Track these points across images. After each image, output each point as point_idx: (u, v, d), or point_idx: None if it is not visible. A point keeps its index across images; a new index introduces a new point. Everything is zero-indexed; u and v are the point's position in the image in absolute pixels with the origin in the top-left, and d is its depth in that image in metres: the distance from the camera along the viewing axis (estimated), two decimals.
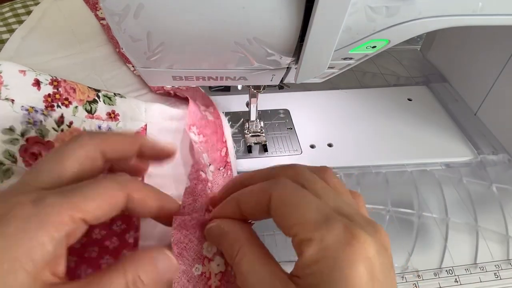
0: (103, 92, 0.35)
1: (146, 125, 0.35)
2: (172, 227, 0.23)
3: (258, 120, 0.44)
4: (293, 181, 0.22)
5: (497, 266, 0.35)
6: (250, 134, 0.44)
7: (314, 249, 0.18)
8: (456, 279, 0.34)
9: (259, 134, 0.44)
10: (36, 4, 0.48)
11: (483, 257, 0.36)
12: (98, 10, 0.46)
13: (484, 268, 0.35)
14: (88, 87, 0.35)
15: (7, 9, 0.47)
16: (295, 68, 0.27)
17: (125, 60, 0.44)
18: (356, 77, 0.57)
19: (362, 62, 0.28)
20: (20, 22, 0.46)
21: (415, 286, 0.33)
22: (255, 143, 0.43)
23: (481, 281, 0.34)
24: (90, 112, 0.33)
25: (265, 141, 0.44)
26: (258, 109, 0.43)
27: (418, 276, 0.34)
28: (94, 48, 0.45)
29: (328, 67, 0.26)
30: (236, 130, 0.43)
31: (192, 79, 0.29)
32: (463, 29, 0.52)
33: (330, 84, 0.52)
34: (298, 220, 0.20)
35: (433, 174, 0.43)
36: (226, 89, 0.37)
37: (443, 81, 0.56)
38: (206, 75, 0.29)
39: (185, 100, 0.40)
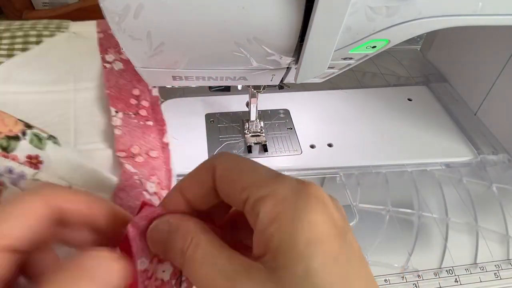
0: (34, 130, 0.28)
1: None
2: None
3: (258, 120, 0.44)
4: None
5: (497, 266, 0.35)
6: (250, 134, 0.44)
7: (270, 204, 0.17)
8: (456, 279, 0.34)
9: (259, 134, 0.44)
10: (50, 33, 0.45)
11: (483, 257, 0.36)
12: (107, 54, 0.41)
13: (484, 268, 0.35)
14: (19, 119, 0.28)
15: (21, 33, 0.44)
16: (295, 68, 0.27)
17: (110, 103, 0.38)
18: (356, 77, 0.57)
19: (362, 62, 0.28)
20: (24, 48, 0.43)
21: (415, 286, 0.33)
22: (255, 143, 0.43)
23: (481, 281, 0.34)
24: (5, 149, 0.27)
25: (265, 141, 0.44)
26: (258, 109, 0.43)
27: (418, 276, 0.34)
28: (83, 90, 0.41)
29: (328, 67, 0.26)
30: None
31: (192, 79, 0.29)
32: (463, 29, 0.52)
33: (330, 84, 0.52)
34: (248, 182, 0.18)
35: (433, 174, 0.43)
36: (226, 89, 0.37)
37: (443, 81, 0.56)
38: (206, 75, 0.29)
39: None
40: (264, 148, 0.43)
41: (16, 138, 0.27)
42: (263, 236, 0.17)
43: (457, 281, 0.34)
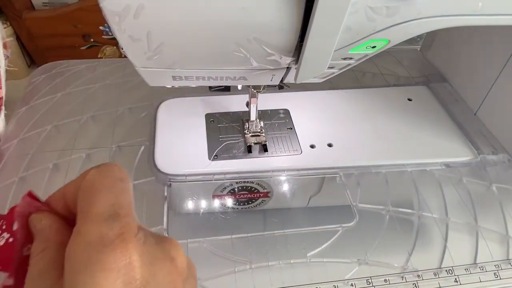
0: None
1: None
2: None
3: (258, 120, 0.44)
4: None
5: (497, 266, 0.35)
6: (250, 134, 0.44)
7: (75, 243, 0.16)
8: (456, 279, 0.34)
9: (259, 134, 0.44)
10: None
11: (483, 257, 0.36)
12: None
13: (484, 268, 0.35)
14: None
15: None
16: (295, 68, 0.27)
17: None
18: (356, 77, 0.57)
19: (362, 62, 0.28)
20: None
21: (415, 286, 0.34)
22: (255, 143, 0.44)
23: (481, 281, 0.34)
24: None
25: (265, 141, 0.44)
26: (258, 109, 0.43)
27: (418, 276, 0.34)
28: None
29: (328, 67, 0.26)
30: None
31: (192, 79, 0.29)
32: (463, 29, 0.52)
33: (330, 84, 0.52)
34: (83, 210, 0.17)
35: (433, 174, 0.43)
36: (226, 89, 0.37)
37: (443, 81, 0.56)
38: (206, 75, 0.29)
39: None
40: (264, 148, 0.43)
41: None
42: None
43: (456, 281, 0.34)
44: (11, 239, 0.19)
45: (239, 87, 0.39)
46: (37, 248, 0.18)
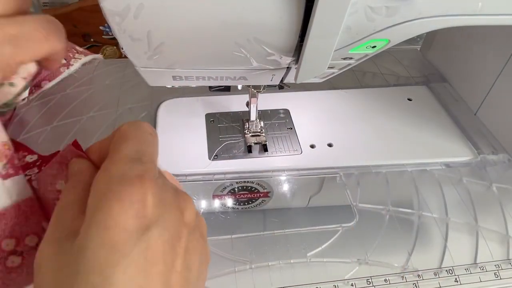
0: None
1: None
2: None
3: (258, 120, 0.44)
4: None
5: (497, 266, 0.35)
6: (250, 134, 0.44)
7: (99, 177, 0.18)
8: (456, 279, 0.34)
9: (259, 134, 0.44)
10: None
11: (483, 257, 0.36)
12: None
13: (484, 268, 0.35)
14: None
15: None
16: (295, 68, 0.27)
17: None
18: (356, 77, 0.57)
19: (362, 62, 0.28)
20: None
21: (415, 286, 0.34)
22: (255, 143, 0.44)
23: (481, 281, 0.34)
24: None
25: (265, 141, 0.44)
26: (258, 109, 0.43)
27: (418, 276, 0.34)
28: None
29: (328, 67, 0.26)
30: None
31: (192, 79, 0.29)
32: (463, 29, 0.52)
33: (330, 84, 0.52)
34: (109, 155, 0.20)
35: (433, 174, 0.43)
36: (226, 89, 0.37)
37: (443, 81, 0.56)
38: (206, 75, 0.29)
39: None
40: (264, 148, 0.43)
41: None
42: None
43: (457, 281, 0.34)
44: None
45: (239, 87, 0.39)
46: (69, 184, 0.20)
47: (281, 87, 0.34)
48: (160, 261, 0.17)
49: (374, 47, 0.26)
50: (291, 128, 0.47)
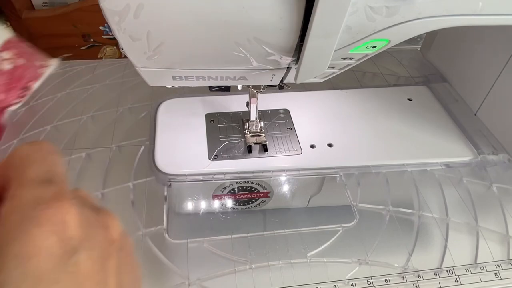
0: None
1: None
2: None
3: (258, 120, 0.44)
4: None
5: (497, 266, 0.35)
6: (250, 134, 0.44)
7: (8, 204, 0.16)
8: (456, 279, 0.34)
9: (259, 134, 0.44)
10: None
11: (484, 257, 0.36)
12: None
13: (485, 268, 0.35)
14: None
15: None
16: (295, 68, 0.27)
17: None
18: (356, 77, 0.57)
19: (362, 62, 0.28)
20: None
21: (415, 286, 0.33)
22: (255, 143, 0.43)
23: (481, 281, 0.34)
24: None
25: (265, 141, 0.44)
26: (258, 109, 0.43)
27: (419, 276, 0.34)
28: None
29: (328, 67, 0.26)
30: None
31: (192, 79, 0.29)
32: (463, 29, 0.52)
33: (330, 84, 0.52)
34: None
35: (433, 174, 0.43)
36: (226, 89, 0.37)
37: (443, 81, 0.56)
38: (206, 75, 0.29)
39: None
40: (264, 148, 0.43)
41: None
42: None
43: (457, 281, 0.34)
44: None
45: (239, 87, 0.39)
46: None
47: (281, 87, 0.34)
48: (93, 284, 0.16)
49: (374, 47, 0.26)
50: (291, 128, 0.47)
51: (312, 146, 0.45)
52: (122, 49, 0.24)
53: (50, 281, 0.15)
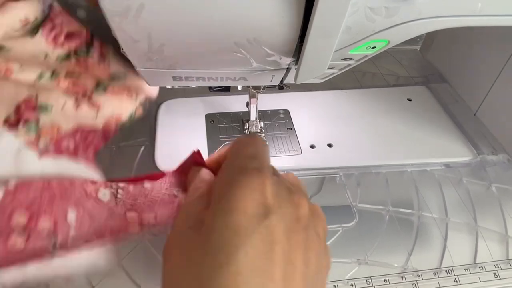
0: None
1: None
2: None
3: (258, 120, 0.44)
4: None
5: (496, 266, 0.35)
6: None
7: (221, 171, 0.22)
8: (455, 279, 0.34)
9: (259, 134, 0.44)
10: None
11: (483, 257, 0.36)
12: None
13: (484, 268, 0.35)
14: None
15: None
16: (295, 69, 0.27)
17: None
18: (356, 77, 0.57)
19: (362, 63, 0.28)
20: None
21: (415, 286, 0.34)
22: None
23: (480, 281, 0.34)
24: None
25: (265, 141, 0.44)
26: (258, 109, 0.43)
27: (418, 276, 0.34)
28: None
29: (328, 68, 0.26)
30: None
31: (192, 79, 0.29)
32: (463, 29, 0.51)
33: (330, 84, 0.52)
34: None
35: (433, 174, 0.43)
36: (226, 89, 0.37)
37: (442, 81, 0.56)
38: (206, 75, 0.29)
39: None
40: None
41: None
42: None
43: (456, 281, 0.34)
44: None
45: (239, 87, 0.39)
46: (194, 185, 0.23)
47: (281, 87, 0.34)
48: (279, 249, 0.18)
49: (374, 47, 0.26)
50: (291, 128, 0.47)
51: (312, 146, 0.45)
52: (122, 49, 0.24)
53: (245, 234, 0.18)
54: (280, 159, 0.43)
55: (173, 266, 0.19)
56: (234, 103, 0.49)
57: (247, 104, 0.43)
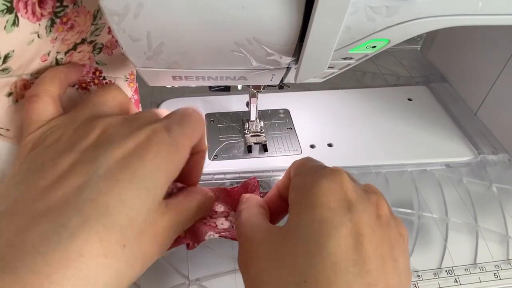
0: None
1: None
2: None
3: (258, 120, 0.44)
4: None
5: (496, 266, 0.35)
6: (250, 134, 0.44)
7: (296, 178, 0.23)
8: (456, 279, 0.34)
9: (259, 134, 0.44)
10: None
11: (483, 257, 0.36)
12: None
13: (484, 268, 0.35)
14: None
15: None
16: (295, 68, 0.27)
17: None
18: (356, 77, 0.57)
19: (362, 62, 0.28)
20: None
21: (415, 286, 0.33)
22: (255, 143, 0.43)
23: (480, 281, 0.34)
24: None
25: (265, 141, 0.44)
26: (258, 109, 0.43)
27: (418, 276, 0.34)
28: None
29: (328, 67, 0.26)
30: None
31: (192, 79, 0.29)
32: (463, 29, 0.52)
33: (330, 84, 0.52)
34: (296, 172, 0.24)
35: (433, 174, 0.43)
36: (226, 89, 0.37)
37: (443, 81, 0.56)
38: (206, 75, 0.29)
39: None
40: (264, 148, 0.43)
41: None
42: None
43: (456, 281, 0.34)
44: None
45: (239, 87, 0.39)
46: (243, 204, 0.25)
47: (281, 87, 0.34)
48: (367, 241, 0.19)
49: (374, 47, 0.26)
50: (291, 128, 0.47)
51: (312, 146, 0.45)
52: (122, 49, 0.24)
53: (332, 226, 0.19)
54: (280, 159, 0.43)
55: (263, 267, 0.19)
56: (234, 103, 0.49)
57: (247, 104, 0.43)
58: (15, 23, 0.23)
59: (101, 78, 0.32)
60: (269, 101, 0.49)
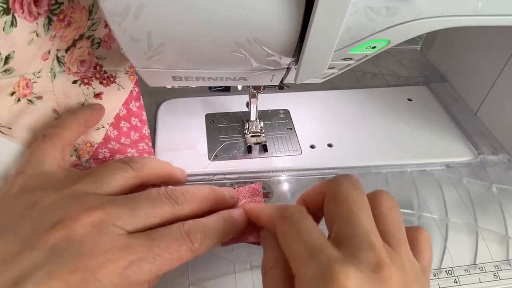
0: None
1: None
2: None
3: (258, 120, 0.44)
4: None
5: (496, 267, 0.35)
6: (250, 134, 0.44)
7: (298, 282, 0.20)
8: (455, 279, 0.34)
9: (259, 134, 0.44)
10: None
11: (483, 257, 0.36)
12: None
13: (484, 269, 0.35)
14: None
15: None
16: (295, 69, 0.27)
17: None
18: (356, 77, 0.57)
19: (362, 62, 0.28)
20: None
21: None
22: (255, 143, 0.43)
23: (480, 282, 0.34)
24: None
25: (265, 141, 0.44)
26: (258, 109, 0.43)
27: None
28: None
29: (328, 68, 0.26)
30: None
31: (192, 79, 0.29)
32: (463, 29, 0.52)
33: (330, 84, 0.52)
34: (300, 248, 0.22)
35: (433, 174, 0.43)
36: (226, 89, 0.37)
37: (443, 81, 0.56)
38: (206, 75, 0.29)
39: None
40: (264, 148, 0.43)
41: None
42: None
43: (456, 282, 0.34)
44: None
45: (239, 87, 0.39)
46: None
47: (281, 87, 0.34)
48: None
49: (374, 47, 0.26)
50: (291, 128, 0.47)
51: (312, 146, 0.45)
52: (122, 49, 0.24)
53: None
54: (280, 159, 0.43)
55: None
56: (234, 103, 0.49)
57: (247, 104, 0.43)
58: (13, 23, 0.23)
59: (102, 72, 0.32)
60: (269, 101, 0.49)
